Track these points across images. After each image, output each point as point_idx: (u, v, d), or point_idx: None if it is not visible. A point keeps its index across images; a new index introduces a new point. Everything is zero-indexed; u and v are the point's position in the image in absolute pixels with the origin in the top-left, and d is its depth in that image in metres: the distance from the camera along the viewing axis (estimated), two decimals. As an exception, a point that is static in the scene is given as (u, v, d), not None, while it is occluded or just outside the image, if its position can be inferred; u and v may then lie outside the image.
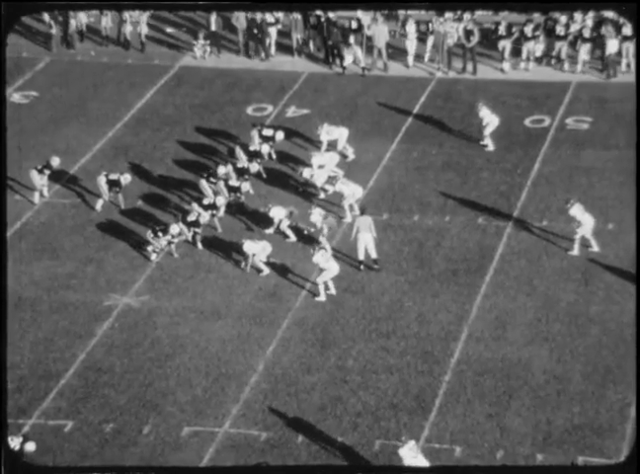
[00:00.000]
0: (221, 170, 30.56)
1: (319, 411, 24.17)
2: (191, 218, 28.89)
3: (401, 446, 21.79)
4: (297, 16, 38.09)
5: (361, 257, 28.14)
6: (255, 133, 32.19)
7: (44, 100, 36.37)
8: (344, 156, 32.29)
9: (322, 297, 27.15)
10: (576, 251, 28.29)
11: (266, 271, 28.04)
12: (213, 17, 38.44)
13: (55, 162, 31.33)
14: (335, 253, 28.18)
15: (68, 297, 27.67)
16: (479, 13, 38.42)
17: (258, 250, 27.89)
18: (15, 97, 36.44)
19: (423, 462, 21.69)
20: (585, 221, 28.14)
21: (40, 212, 30.96)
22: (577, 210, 28.20)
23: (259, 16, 37.79)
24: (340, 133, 32.32)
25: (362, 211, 28.59)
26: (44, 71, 38.08)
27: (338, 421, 23.89)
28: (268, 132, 32.14)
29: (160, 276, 28.35)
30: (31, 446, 22.80)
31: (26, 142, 33.73)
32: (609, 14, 37.27)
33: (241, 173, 30.72)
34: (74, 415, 24.27)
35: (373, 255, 28.14)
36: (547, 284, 27.54)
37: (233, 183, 30.31)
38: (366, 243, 28.05)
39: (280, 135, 32.20)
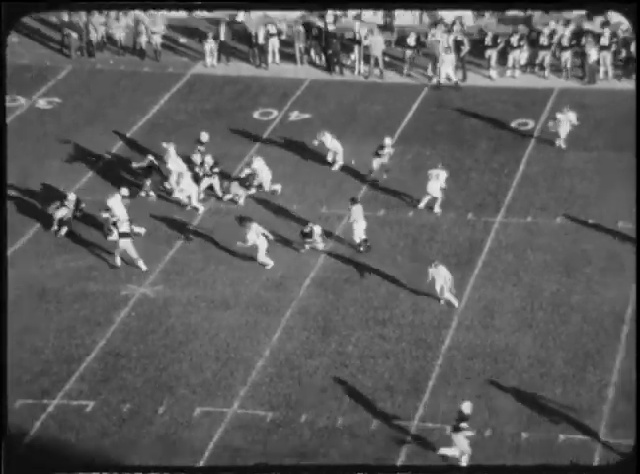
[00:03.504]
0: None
1: (321, 393, 24.20)
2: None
3: None
4: (300, 27, 38.09)
5: (357, 240, 28.21)
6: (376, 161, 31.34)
7: (67, 105, 36.34)
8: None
9: (455, 302, 26.42)
10: None
11: (269, 265, 27.98)
12: (223, 28, 38.47)
13: (205, 138, 31.48)
14: (336, 245, 28.23)
15: (89, 288, 27.68)
16: (468, 24, 38.48)
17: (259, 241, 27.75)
18: (40, 103, 36.44)
19: None
20: None
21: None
22: None
23: (262, 29, 37.97)
24: (335, 147, 32.04)
25: (354, 201, 28.56)
26: (67, 79, 38.05)
27: (338, 402, 23.92)
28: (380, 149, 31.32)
29: (173, 268, 28.36)
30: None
31: (49, 144, 33.75)
32: (589, 25, 37.38)
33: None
34: (95, 396, 24.31)
35: (363, 237, 28.37)
36: (532, 276, 27.55)
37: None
38: (360, 229, 28.20)
39: (387, 141, 31.33)
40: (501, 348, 25.26)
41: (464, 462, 22.01)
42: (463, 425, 21.85)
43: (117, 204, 28.83)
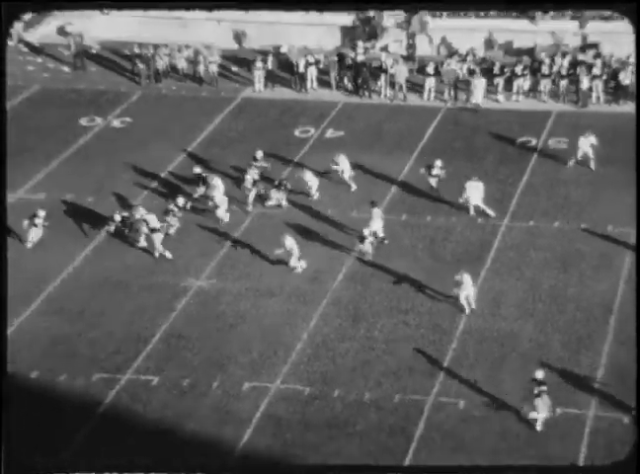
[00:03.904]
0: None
1: (351, 371, 24.30)
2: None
3: None
4: (335, 58, 38.28)
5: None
6: (424, 171, 31.14)
7: (137, 125, 36.55)
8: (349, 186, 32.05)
9: (467, 310, 25.91)
10: None
11: (299, 269, 27.89)
12: (270, 58, 38.71)
13: (259, 155, 31.60)
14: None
15: (153, 280, 27.85)
16: (479, 55, 38.41)
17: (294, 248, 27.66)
18: (114, 122, 36.72)
19: None
20: None
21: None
22: None
23: (302, 60, 38.08)
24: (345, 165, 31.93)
25: (374, 204, 28.60)
26: (137, 102, 38.27)
27: (366, 379, 24.00)
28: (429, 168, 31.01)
29: (226, 262, 28.50)
30: None
31: (121, 158, 33.99)
32: (583, 57, 37.22)
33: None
34: (159, 372, 24.53)
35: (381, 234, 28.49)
36: (533, 271, 27.49)
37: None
38: (377, 227, 28.28)
39: (438, 162, 30.92)
40: (506, 333, 25.25)
41: (539, 426, 22.04)
42: (543, 388, 21.88)
43: (145, 213, 29.05)
